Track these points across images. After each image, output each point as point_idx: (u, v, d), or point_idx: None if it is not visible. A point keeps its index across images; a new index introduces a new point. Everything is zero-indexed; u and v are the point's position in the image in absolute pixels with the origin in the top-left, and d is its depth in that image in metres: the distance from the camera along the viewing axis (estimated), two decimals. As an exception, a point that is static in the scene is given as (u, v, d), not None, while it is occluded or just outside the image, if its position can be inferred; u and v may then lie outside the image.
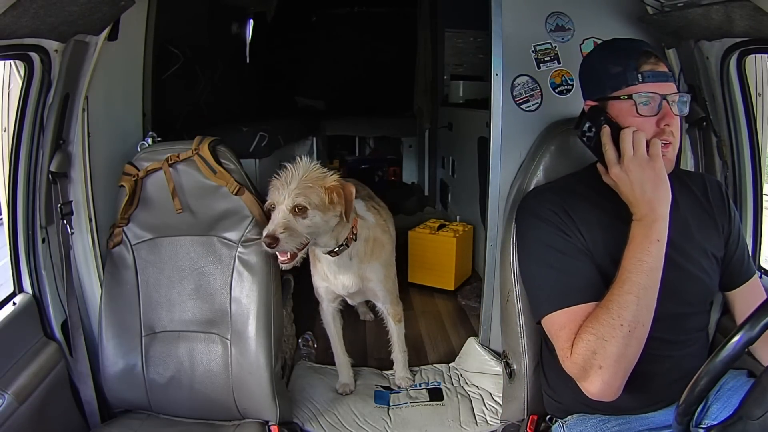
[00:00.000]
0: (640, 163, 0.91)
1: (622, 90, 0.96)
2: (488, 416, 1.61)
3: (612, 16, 1.50)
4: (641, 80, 0.94)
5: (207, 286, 1.38)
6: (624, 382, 0.88)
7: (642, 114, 0.95)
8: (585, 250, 0.97)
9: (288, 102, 4.60)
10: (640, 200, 0.91)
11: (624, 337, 0.85)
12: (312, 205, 1.25)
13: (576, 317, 0.92)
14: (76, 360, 1.36)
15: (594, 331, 0.87)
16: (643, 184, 0.91)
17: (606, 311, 0.88)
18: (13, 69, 1.22)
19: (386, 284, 1.63)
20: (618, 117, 0.97)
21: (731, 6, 1.07)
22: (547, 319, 0.96)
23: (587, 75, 1.07)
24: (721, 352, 0.67)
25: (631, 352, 0.86)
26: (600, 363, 0.86)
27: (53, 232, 1.34)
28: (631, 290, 0.87)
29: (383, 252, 1.58)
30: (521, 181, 1.27)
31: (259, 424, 1.36)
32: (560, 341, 0.94)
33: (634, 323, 0.86)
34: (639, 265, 0.88)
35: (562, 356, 0.93)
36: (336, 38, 4.71)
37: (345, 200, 1.30)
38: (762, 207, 1.36)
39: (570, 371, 0.92)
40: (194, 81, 2.81)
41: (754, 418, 0.65)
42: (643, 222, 0.90)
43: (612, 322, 0.86)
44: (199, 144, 1.34)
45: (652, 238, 0.89)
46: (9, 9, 0.92)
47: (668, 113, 0.95)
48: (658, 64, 0.96)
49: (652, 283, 0.88)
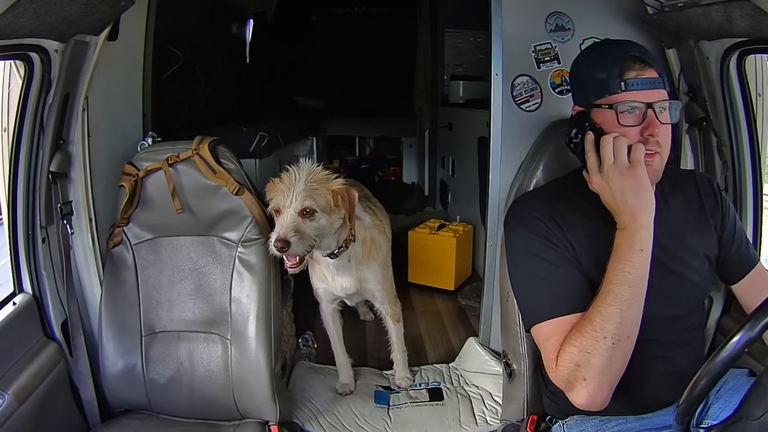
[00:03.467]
0: (621, 170, 0.89)
1: (605, 98, 0.93)
2: (488, 416, 1.61)
3: (612, 16, 1.50)
4: (624, 88, 0.91)
5: (207, 286, 1.38)
6: (611, 392, 0.87)
7: (623, 124, 0.91)
8: (573, 259, 0.95)
9: (288, 102, 4.59)
10: (622, 209, 0.89)
11: (608, 349, 0.84)
12: (320, 207, 1.25)
13: (562, 327, 0.90)
14: (76, 360, 1.36)
15: (577, 344, 0.86)
16: (624, 193, 0.88)
17: (589, 323, 0.86)
18: (13, 69, 1.22)
19: (384, 284, 1.63)
20: (602, 125, 0.94)
21: (731, 6, 1.07)
22: (535, 328, 0.95)
23: (575, 79, 1.05)
24: (721, 352, 0.66)
25: (616, 364, 0.85)
26: (584, 375, 0.85)
27: (53, 232, 1.34)
28: (614, 302, 0.85)
29: (380, 252, 1.59)
30: (521, 181, 1.27)
31: (259, 424, 1.36)
32: (546, 351, 0.93)
33: (618, 336, 0.84)
34: (622, 277, 0.86)
35: (548, 367, 0.92)
36: (336, 38, 4.71)
37: (349, 204, 1.30)
38: (762, 207, 1.36)
39: (556, 382, 0.91)
40: (194, 81, 2.81)
41: (754, 418, 0.65)
42: (626, 231, 0.88)
43: (595, 334, 0.84)
44: (199, 144, 1.34)
45: (635, 248, 0.87)
46: (9, 9, 0.92)
47: (653, 122, 0.91)
48: (645, 69, 0.92)
49: (636, 294, 0.86)
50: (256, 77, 4.10)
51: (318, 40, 4.72)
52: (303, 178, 1.25)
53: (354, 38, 4.67)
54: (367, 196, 1.74)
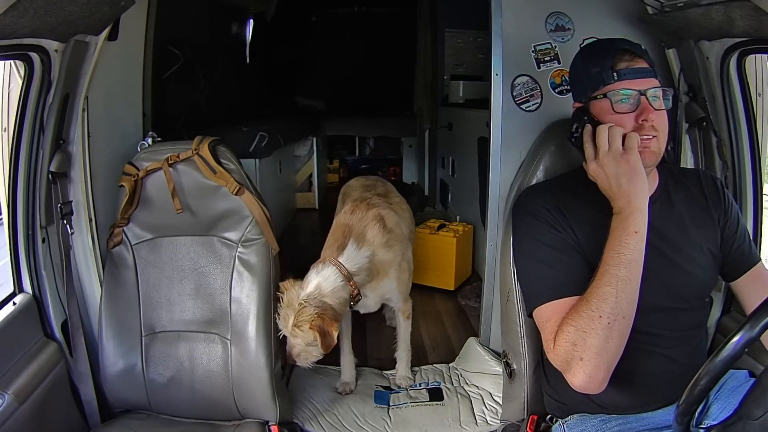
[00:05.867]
0: (615, 156, 0.93)
1: (600, 90, 0.98)
2: (488, 416, 1.61)
3: (612, 16, 1.50)
4: (617, 78, 0.96)
5: (207, 286, 1.38)
6: (608, 375, 0.88)
7: (618, 111, 0.96)
8: (575, 245, 0.98)
9: (288, 102, 4.60)
10: (617, 194, 0.92)
11: (604, 329, 0.86)
12: (307, 344, 1.40)
13: (562, 310, 0.93)
14: (76, 360, 1.36)
15: (574, 324, 0.89)
16: (619, 178, 0.92)
17: (586, 304, 0.89)
18: (13, 69, 1.22)
19: (399, 288, 1.68)
20: (599, 116, 0.99)
21: (731, 6, 1.07)
22: (536, 311, 0.98)
23: (572, 78, 1.12)
24: (721, 352, 0.67)
25: (612, 344, 0.87)
26: (581, 355, 0.87)
27: (53, 232, 1.34)
28: (609, 282, 0.88)
29: (390, 267, 1.62)
30: (521, 181, 1.27)
31: (259, 424, 1.36)
32: (545, 333, 0.96)
33: (614, 315, 0.86)
34: (617, 258, 0.89)
35: (547, 348, 0.95)
36: (336, 38, 4.71)
37: (325, 345, 1.39)
38: (762, 207, 1.36)
39: (554, 362, 0.93)
40: (194, 81, 2.82)
41: (754, 418, 0.65)
42: (621, 215, 0.91)
43: (591, 314, 0.87)
44: (199, 144, 1.34)
45: (629, 230, 0.90)
46: (9, 9, 0.92)
47: (647, 108, 0.95)
48: (635, 60, 0.97)
49: (631, 275, 0.88)
50: (256, 77, 4.11)
51: (318, 40, 4.72)
52: (290, 321, 1.37)
53: (354, 38, 4.67)
54: (386, 193, 1.82)
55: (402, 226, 1.71)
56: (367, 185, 1.89)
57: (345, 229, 1.56)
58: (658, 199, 1.02)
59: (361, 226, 1.57)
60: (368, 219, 1.59)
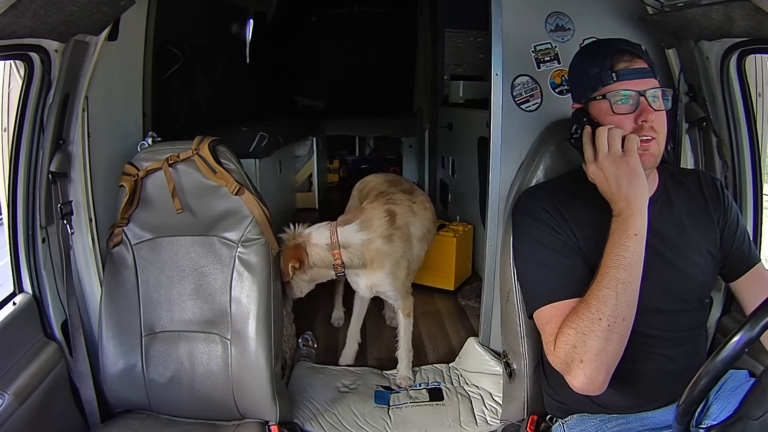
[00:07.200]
0: (614, 159, 0.92)
1: (599, 90, 0.98)
2: (488, 416, 1.61)
3: (612, 16, 1.50)
4: (615, 79, 0.96)
5: (207, 286, 1.38)
6: (608, 376, 0.88)
7: (617, 112, 0.95)
8: (575, 247, 0.98)
9: (288, 102, 4.60)
10: (617, 196, 0.92)
11: (603, 331, 0.86)
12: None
13: (562, 312, 0.93)
14: (76, 360, 1.36)
15: (574, 326, 0.89)
16: (618, 180, 0.92)
17: (586, 306, 0.89)
18: (13, 69, 1.22)
19: (395, 284, 1.72)
20: (598, 117, 0.98)
21: (731, 6, 1.07)
22: (537, 313, 0.98)
23: (572, 78, 1.11)
24: (721, 352, 0.66)
25: (612, 346, 0.87)
26: (581, 357, 0.87)
27: (53, 232, 1.34)
28: (609, 285, 0.88)
29: (387, 260, 1.68)
30: (521, 181, 1.27)
31: (259, 424, 1.36)
32: (546, 335, 0.95)
33: (613, 318, 0.86)
34: (617, 260, 0.89)
35: (548, 350, 0.95)
36: (336, 38, 4.71)
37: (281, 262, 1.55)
38: (762, 207, 1.36)
39: (554, 364, 0.93)
40: (194, 81, 2.82)
41: (754, 418, 0.65)
42: (620, 217, 0.91)
43: (591, 316, 0.87)
44: (199, 144, 1.33)
45: (629, 233, 0.89)
46: (9, 9, 0.92)
47: (646, 109, 0.95)
48: (634, 61, 0.96)
49: (631, 278, 0.88)
50: (256, 77, 4.10)
51: (318, 40, 4.72)
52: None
53: (354, 38, 4.67)
54: (411, 190, 1.92)
55: (415, 226, 1.78)
56: (391, 180, 1.98)
57: (359, 212, 1.72)
58: (658, 199, 1.02)
59: (372, 214, 1.68)
60: (380, 211, 1.69)
